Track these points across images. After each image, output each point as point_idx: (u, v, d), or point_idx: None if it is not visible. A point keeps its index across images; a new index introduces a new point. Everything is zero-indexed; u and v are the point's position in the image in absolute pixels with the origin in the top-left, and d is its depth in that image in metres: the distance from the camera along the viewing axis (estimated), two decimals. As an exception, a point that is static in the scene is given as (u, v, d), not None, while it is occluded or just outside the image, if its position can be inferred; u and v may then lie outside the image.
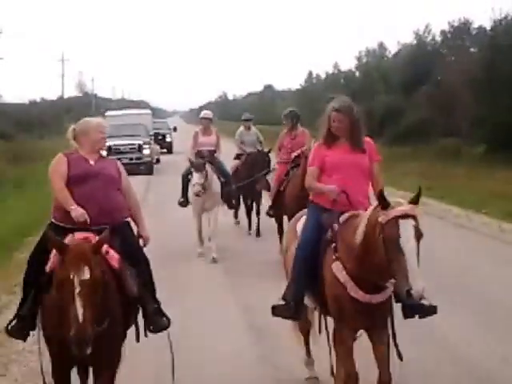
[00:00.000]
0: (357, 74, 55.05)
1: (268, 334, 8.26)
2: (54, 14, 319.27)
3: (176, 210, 14.26)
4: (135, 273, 5.75)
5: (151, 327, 5.95)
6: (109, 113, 34.49)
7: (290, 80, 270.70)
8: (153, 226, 7.12)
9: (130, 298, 5.61)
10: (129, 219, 6.09)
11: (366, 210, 5.68)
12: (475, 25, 45.74)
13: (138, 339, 5.89)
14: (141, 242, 6.13)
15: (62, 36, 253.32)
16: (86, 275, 4.86)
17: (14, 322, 5.77)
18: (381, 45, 61.20)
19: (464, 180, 21.16)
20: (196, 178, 12.38)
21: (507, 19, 30.84)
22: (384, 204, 5.31)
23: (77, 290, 4.81)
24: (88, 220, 5.57)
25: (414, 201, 5.32)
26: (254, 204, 14.92)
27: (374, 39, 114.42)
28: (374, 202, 5.60)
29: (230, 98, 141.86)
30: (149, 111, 37.20)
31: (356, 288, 5.62)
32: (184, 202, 13.42)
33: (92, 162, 5.91)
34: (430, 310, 6.00)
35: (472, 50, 41.84)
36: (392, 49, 57.53)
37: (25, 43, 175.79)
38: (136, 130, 29.83)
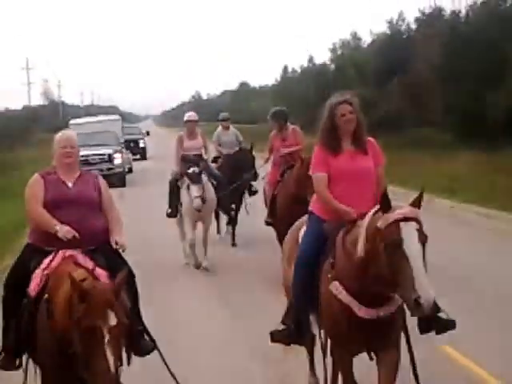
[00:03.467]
0: (332, 66, 57.21)
1: (264, 349, 7.89)
2: (17, 19, 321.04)
3: (157, 223, 14.69)
4: (125, 288, 5.76)
5: (136, 351, 5.93)
6: (73, 121, 33.49)
7: (265, 76, 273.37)
8: (134, 242, 7.38)
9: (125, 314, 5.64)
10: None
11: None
12: (448, 11, 47.38)
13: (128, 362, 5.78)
14: (115, 246, 6.04)
15: (26, 42, 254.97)
16: (114, 321, 4.89)
17: (3, 356, 5.91)
18: (354, 35, 62.99)
19: (421, 165, 24.34)
20: (195, 190, 12.23)
21: (472, 7, 33.62)
22: (385, 207, 5.18)
23: (106, 339, 4.81)
24: (77, 235, 5.69)
25: (416, 203, 5.24)
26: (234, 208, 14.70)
27: (347, 30, 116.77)
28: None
29: (204, 97, 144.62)
30: (117, 117, 36.22)
31: (359, 306, 5.46)
32: (173, 213, 13.12)
33: (70, 184, 5.97)
34: (449, 325, 5.87)
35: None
36: (366, 39, 59.34)
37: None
38: (105, 139, 29.11)
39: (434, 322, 5.77)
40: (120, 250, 6.02)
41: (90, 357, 4.82)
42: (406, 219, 5.07)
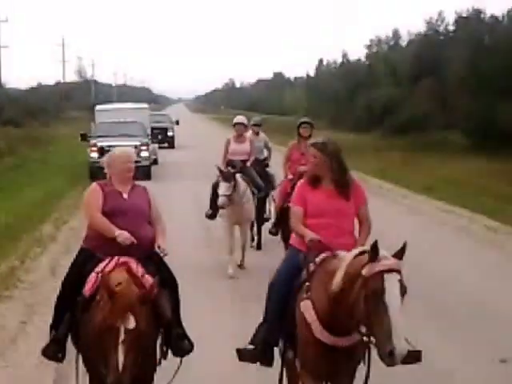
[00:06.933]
0: (367, 63, 59.27)
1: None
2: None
3: (184, 225, 15.49)
4: (167, 296, 6.29)
5: (175, 351, 6.38)
6: (99, 107, 33.27)
7: (301, 67, 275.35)
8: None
9: (163, 321, 6.16)
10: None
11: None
12: (488, 13, 47.76)
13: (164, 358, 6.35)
14: (157, 250, 6.46)
15: (62, 20, 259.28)
16: (132, 325, 5.38)
17: (50, 345, 6.41)
18: (395, 33, 63.51)
19: (426, 166, 27.24)
20: (223, 188, 12.40)
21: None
22: (373, 257, 5.39)
23: (121, 338, 5.34)
24: (135, 241, 6.19)
25: (399, 256, 5.45)
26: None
27: (388, 27, 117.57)
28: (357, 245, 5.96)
29: (238, 85, 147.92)
30: (145, 105, 35.75)
31: (322, 329, 5.74)
32: (212, 215, 13.52)
33: (125, 196, 6.46)
34: (415, 356, 6.07)
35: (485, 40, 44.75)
36: (405, 38, 59.78)
37: (23, 28, 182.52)
38: (132, 129, 28.49)
39: None
40: (162, 255, 6.44)
41: (107, 353, 5.40)
42: (391, 270, 5.32)
